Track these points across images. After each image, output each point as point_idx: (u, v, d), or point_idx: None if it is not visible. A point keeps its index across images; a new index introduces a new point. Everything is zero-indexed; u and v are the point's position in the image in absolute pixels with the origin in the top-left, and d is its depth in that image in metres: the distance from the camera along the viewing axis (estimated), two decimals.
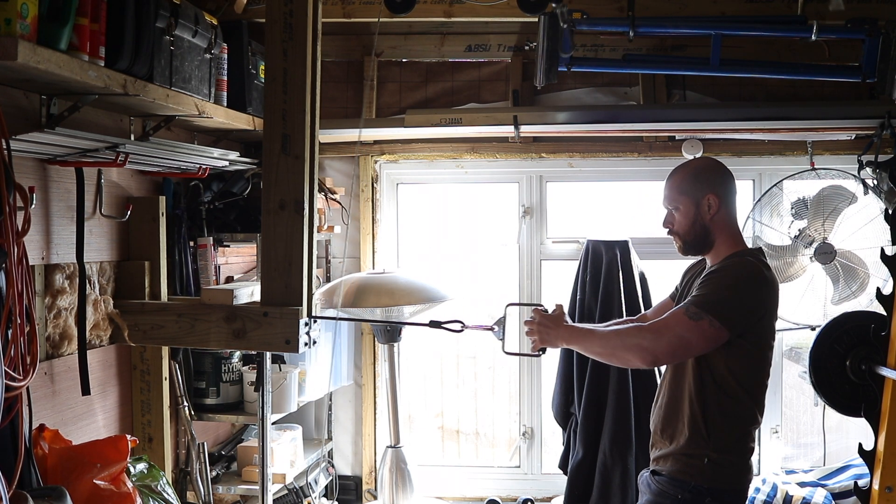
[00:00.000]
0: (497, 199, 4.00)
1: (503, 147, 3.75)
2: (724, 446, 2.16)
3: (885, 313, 2.58)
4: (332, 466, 3.83)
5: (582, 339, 2.28)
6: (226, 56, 2.80)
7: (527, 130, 3.49)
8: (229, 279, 3.34)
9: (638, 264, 3.42)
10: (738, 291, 2.15)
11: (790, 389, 3.84)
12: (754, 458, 2.36)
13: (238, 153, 3.00)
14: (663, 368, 2.37)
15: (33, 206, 2.03)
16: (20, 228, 1.84)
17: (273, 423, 3.06)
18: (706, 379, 2.17)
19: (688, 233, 2.28)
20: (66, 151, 2.18)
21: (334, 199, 3.58)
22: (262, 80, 2.84)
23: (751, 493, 3.38)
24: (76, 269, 2.35)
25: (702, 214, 2.25)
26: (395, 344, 3.42)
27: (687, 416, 2.19)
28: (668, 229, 2.34)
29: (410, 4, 2.84)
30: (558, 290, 3.72)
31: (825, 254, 3.24)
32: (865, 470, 2.63)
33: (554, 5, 2.89)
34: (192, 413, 3.08)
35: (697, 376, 2.18)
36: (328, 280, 3.75)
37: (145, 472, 2.48)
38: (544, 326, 2.30)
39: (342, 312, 3.07)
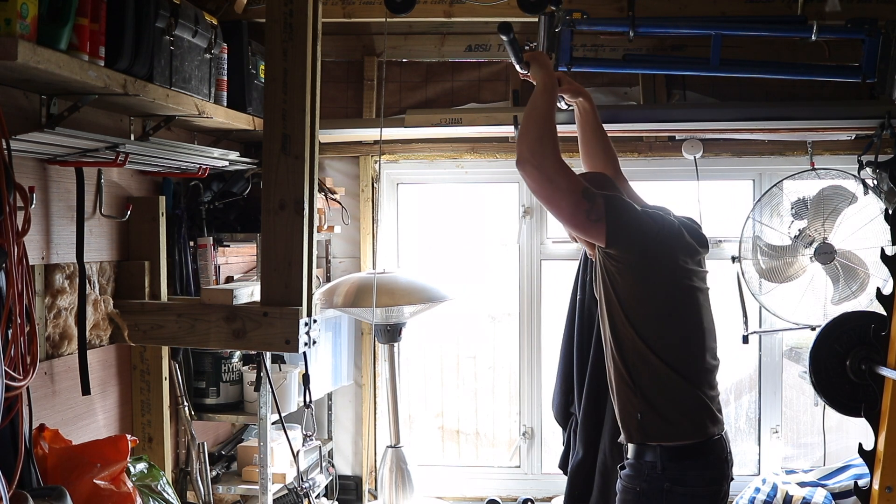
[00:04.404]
0: (497, 199, 4.00)
1: (503, 147, 3.75)
2: (652, 401, 2.11)
3: (885, 313, 2.58)
4: (333, 466, 3.83)
5: (540, 88, 2.30)
6: (226, 56, 2.80)
7: None
8: (229, 279, 3.34)
9: None
10: (639, 215, 2.16)
11: (790, 389, 3.84)
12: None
13: (238, 153, 3.00)
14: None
15: (33, 206, 2.03)
16: (20, 228, 1.84)
17: (273, 423, 3.06)
18: (616, 335, 2.15)
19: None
20: (66, 151, 2.18)
21: (334, 199, 3.58)
22: (262, 80, 2.84)
23: (751, 492, 3.40)
24: (76, 269, 2.35)
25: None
26: (395, 344, 3.42)
27: (615, 377, 2.17)
28: None
29: (410, 4, 2.84)
30: (558, 290, 3.72)
31: (825, 254, 3.24)
32: (865, 470, 2.63)
33: (553, 7, 2.90)
34: (192, 413, 3.08)
35: (608, 333, 2.17)
36: (328, 280, 3.75)
37: (145, 471, 2.48)
38: (540, 56, 2.42)
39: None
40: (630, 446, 2.20)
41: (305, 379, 2.81)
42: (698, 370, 2.16)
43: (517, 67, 2.51)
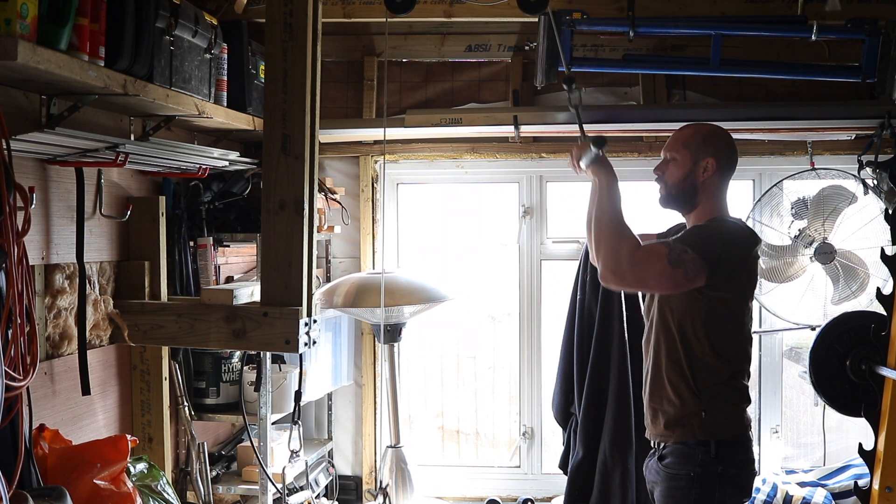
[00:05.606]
0: (497, 199, 4.00)
1: (503, 147, 3.75)
2: (718, 403, 2.19)
3: (885, 313, 2.58)
4: (333, 466, 3.83)
5: (605, 188, 2.24)
6: (226, 56, 2.80)
7: (527, 130, 3.49)
8: (229, 279, 3.34)
9: None
10: (728, 244, 2.18)
11: (790, 389, 3.84)
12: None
13: (238, 153, 3.00)
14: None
15: (33, 206, 2.03)
16: (20, 228, 1.84)
17: (273, 423, 3.06)
18: (685, 342, 2.19)
19: (675, 185, 2.30)
20: (66, 151, 2.18)
21: (334, 199, 3.58)
22: (262, 80, 2.84)
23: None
24: (76, 269, 2.35)
25: (696, 173, 2.28)
26: (396, 344, 3.42)
27: (674, 379, 2.22)
28: (657, 175, 2.36)
29: (410, 4, 2.84)
30: (558, 290, 3.72)
31: (825, 254, 3.24)
32: (865, 470, 2.63)
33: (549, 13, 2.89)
34: (192, 413, 3.08)
35: (675, 340, 2.21)
36: (328, 280, 3.75)
37: (145, 472, 2.48)
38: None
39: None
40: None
41: (297, 395, 2.79)
42: (747, 373, 2.28)
43: (582, 166, 2.37)
